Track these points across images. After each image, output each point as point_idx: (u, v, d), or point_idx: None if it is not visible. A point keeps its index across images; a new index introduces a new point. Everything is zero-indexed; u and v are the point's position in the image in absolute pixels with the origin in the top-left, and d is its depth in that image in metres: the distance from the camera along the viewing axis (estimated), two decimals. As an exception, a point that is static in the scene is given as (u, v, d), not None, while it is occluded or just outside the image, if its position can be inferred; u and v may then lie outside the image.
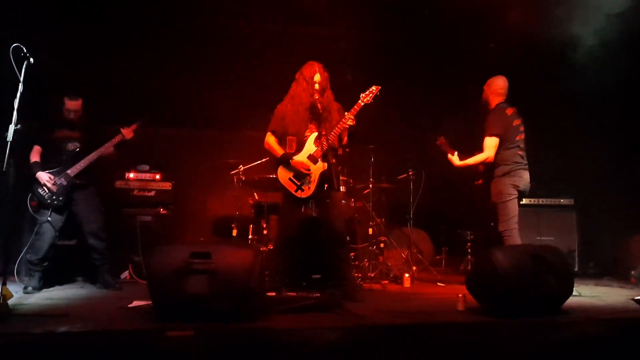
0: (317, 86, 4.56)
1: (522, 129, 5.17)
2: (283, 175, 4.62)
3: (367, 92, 4.53)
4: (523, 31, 6.42)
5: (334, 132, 4.50)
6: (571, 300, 4.07)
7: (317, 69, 4.63)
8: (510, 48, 6.73)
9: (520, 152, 5.12)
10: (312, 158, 4.55)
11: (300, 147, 4.63)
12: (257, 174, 5.93)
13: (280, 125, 4.70)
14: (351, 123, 4.47)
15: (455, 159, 5.27)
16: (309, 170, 4.53)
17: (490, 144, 5.02)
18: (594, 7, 5.90)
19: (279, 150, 4.66)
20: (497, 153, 5.05)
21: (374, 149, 6.25)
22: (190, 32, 6.81)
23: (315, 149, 4.56)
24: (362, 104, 4.50)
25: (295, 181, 4.57)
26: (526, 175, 5.09)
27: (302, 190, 4.55)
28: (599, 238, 6.71)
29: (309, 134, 4.64)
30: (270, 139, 4.73)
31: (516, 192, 5.04)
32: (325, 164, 4.51)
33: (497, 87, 5.20)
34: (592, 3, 5.91)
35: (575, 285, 4.08)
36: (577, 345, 3.56)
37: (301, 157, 4.58)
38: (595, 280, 6.20)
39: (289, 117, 4.66)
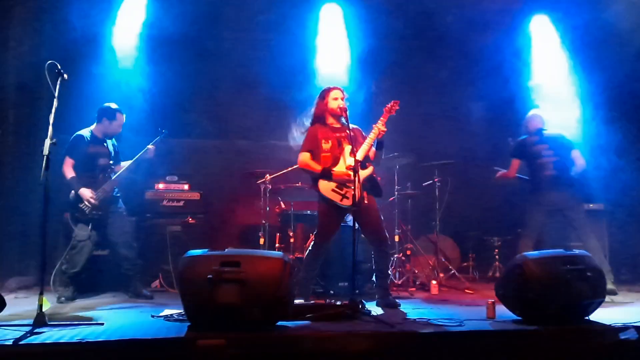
0: (340, 102, 4.73)
1: None
2: (325, 187, 4.70)
3: (390, 105, 4.70)
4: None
5: (367, 143, 4.65)
6: (603, 307, 4.01)
7: (333, 90, 4.85)
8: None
9: None
10: (352, 168, 4.63)
11: (335, 161, 4.74)
12: (284, 183, 5.98)
13: (315, 144, 4.82)
14: (383, 128, 4.60)
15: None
16: (351, 178, 4.61)
17: None
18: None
19: (317, 167, 4.76)
20: None
21: (399, 156, 6.24)
22: (217, 44, 6.91)
23: (353, 160, 4.63)
24: (382, 129, 4.65)
25: (339, 191, 4.67)
26: None
27: (347, 198, 4.64)
28: (630, 243, 6.58)
29: (343, 147, 4.77)
30: (306, 158, 4.82)
31: None
32: (365, 173, 4.63)
33: None
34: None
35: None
36: (610, 352, 3.52)
37: (341, 168, 4.70)
38: (628, 286, 6.08)
39: (320, 136, 4.82)
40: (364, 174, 4.63)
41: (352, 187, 4.57)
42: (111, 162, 5.20)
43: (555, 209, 5.67)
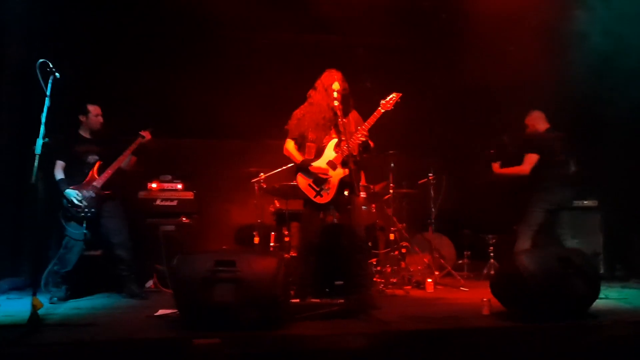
0: (335, 94, 4.54)
1: None
2: (302, 181, 4.66)
3: (387, 99, 4.57)
4: (544, 35, 6.36)
5: (354, 139, 4.52)
6: (598, 303, 4.03)
7: (336, 77, 4.65)
8: (532, 50, 6.65)
9: None
10: (332, 164, 4.58)
11: (319, 154, 4.67)
12: (278, 181, 5.96)
13: (300, 132, 4.75)
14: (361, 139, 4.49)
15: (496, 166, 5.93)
16: (328, 175, 4.56)
17: None
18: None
19: (298, 157, 4.71)
20: None
21: (394, 154, 6.23)
22: (210, 43, 6.89)
23: (335, 155, 4.60)
24: (382, 111, 4.53)
25: (315, 187, 4.61)
26: None
27: (321, 196, 4.59)
28: (624, 240, 6.60)
29: (328, 140, 4.68)
30: (290, 146, 4.78)
31: None
32: (346, 170, 4.53)
33: None
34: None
35: (601, 288, 4.02)
36: (605, 348, 3.52)
37: (320, 163, 4.62)
38: (622, 282, 6.10)
39: (308, 124, 4.71)
40: (339, 173, 4.57)
41: (329, 185, 4.53)
42: (98, 159, 5.15)
43: (556, 209, 5.66)
